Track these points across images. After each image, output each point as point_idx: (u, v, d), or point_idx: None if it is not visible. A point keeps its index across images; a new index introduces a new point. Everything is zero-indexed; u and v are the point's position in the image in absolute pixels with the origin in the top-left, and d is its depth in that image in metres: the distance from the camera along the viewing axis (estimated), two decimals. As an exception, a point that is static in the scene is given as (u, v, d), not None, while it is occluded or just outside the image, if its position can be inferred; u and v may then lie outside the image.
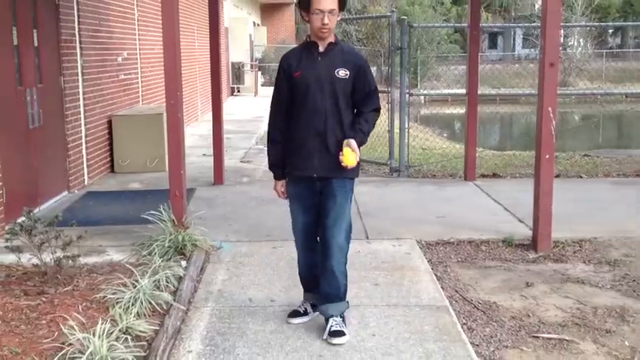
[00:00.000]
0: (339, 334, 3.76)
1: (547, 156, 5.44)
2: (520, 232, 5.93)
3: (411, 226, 6.14)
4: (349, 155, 3.60)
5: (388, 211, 6.73)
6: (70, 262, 4.46)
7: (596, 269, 5.16)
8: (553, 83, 5.38)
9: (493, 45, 54.60)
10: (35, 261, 4.59)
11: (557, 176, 8.64)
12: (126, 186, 8.04)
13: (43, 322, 3.99)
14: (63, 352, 3.47)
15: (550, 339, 4.01)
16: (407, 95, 8.78)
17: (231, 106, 18.17)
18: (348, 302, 3.93)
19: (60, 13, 7.37)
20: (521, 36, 54.26)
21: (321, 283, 3.85)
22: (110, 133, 8.90)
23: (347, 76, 3.69)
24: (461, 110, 15.54)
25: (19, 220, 4.51)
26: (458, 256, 5.46)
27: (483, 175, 8.51)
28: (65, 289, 4.43)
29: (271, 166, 3.96)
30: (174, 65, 5.43)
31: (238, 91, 23.52)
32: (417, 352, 3.67)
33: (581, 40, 39.31)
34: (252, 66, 24.40)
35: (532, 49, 48.56)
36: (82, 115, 7.94)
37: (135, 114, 9.32)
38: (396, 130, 8.83)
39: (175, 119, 5.46)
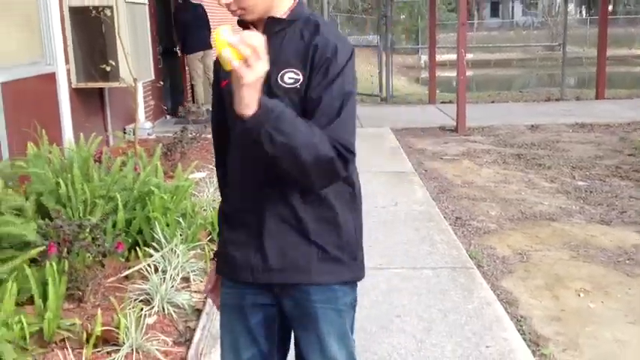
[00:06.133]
0: None
1: (462, 77, 9.58)
2: (452, 124, 10.11)
3: (388, 122, 10.35)
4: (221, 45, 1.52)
5: (375, 118, 10.90)
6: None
7: (486, 138, 9.35)
8: (464, 35, 9.50)
9: (495, 13, 58.36)
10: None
11: (493, 102, 12.88)
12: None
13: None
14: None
15: (448, 159, 8.19)
16: (390, 50, 12.94)
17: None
18: None
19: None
20: (521, 5, 57.97)
21: None
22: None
23: (299, 82, 1.72)
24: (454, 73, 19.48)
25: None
26: (411, 134, 9.67)
27: (442, 102, 12.66)
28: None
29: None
30: None
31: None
32: (376, 155, 7.89)
33: (577, 7, 43.16)
34: None
35: (529, 17, 52.25)
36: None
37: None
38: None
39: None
